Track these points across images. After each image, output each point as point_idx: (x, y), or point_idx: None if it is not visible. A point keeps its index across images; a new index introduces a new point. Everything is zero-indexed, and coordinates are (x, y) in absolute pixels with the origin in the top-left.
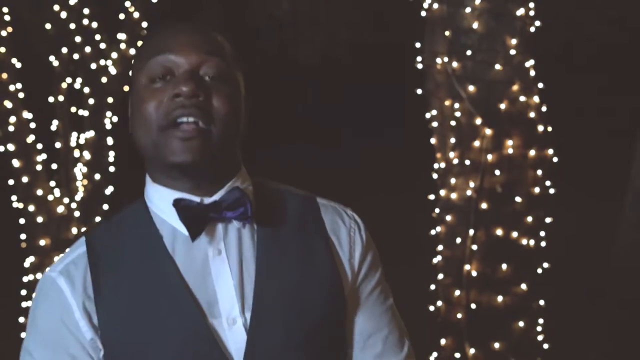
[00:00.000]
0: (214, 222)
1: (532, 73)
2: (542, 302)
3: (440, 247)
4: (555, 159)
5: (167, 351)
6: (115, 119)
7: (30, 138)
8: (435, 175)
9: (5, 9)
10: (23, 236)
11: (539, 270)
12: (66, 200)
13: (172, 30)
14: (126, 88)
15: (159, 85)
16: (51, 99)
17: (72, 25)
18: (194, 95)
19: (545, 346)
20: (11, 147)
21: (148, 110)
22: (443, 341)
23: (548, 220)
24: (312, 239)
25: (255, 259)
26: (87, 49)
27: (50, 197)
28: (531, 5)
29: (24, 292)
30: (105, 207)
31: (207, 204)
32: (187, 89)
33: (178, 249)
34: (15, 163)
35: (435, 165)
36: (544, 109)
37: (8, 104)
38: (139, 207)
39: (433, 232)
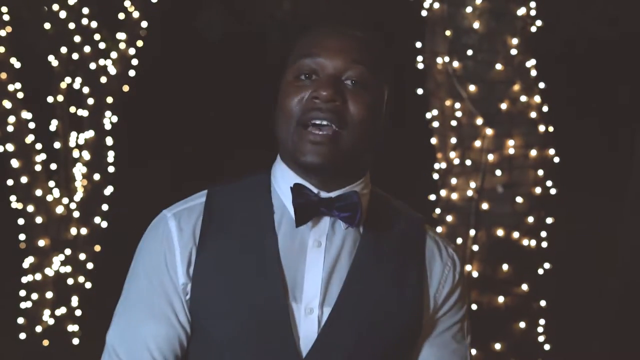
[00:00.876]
0: (323, 216)
1: (533, 73)
2: (543, 303)
3: None
4: (556, 159)
5: (243, 317)
6: (114, 119)
7: (30, 138)
8: (436, 176)
9: (4, 9)
10: (22, 237)
11: (540, 271)
12: (65, 200)
13: (325, 34)
14: (126, 88)
15: (302, 83)
16: (50, 99)
17: (72, 25)
18: (331, 100)
19: (547, 347)
20: (10, 147)
21: (289, 105)
22: None
23: (549, 220)
24: (409, 262)
25: (350, 262)
26: (87, 49)
27: (49, 198)
28: (532, 5)
29: (22, 293)
30: (105, 207)
31: (321, 198)
32: (326, 93)
33: (284, 228)
34: (15, 163)
35: (436, 166)
36: (545, 109)
37: (7, 103)
38: (263, 178)
39: None
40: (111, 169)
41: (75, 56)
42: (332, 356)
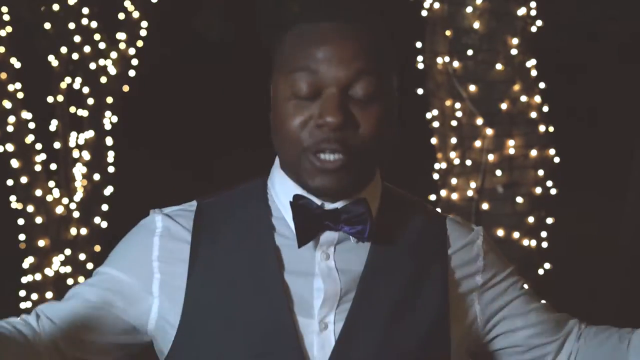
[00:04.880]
0: (329, 230)
1: (534, 73)
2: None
3: None
4: (556, 159)
5: (243, 339)
6: (114, 119)
7: (30, 138)
8: (436, 176)
9: (4, 9)
10: (22, 237)
11: (541, 271)
12: (65, 200)
13: (322, 37)
14: (126, 88)
15: (302, 103)
16: (50, 99)
17: (72, 25)
18: (339, 128)
19: None
20: (10, 147)
21: (291, 127)
22: None
23: (549, 220)
24: (429, 261)
25: (361, 272)
26: (87, 49)
27: (49, 198)
28: (532, 5)
29: (22, 293)
30: (105, 207)
31: (326, 210)
32: (334, 120)
33: (286, 241)
34: (14, 163)
35: (436, 166)
36: (545, 109)
37: (7, 103)
38: (259, 187)
39: None
40: (111, 169)
41: (75, 56)
42: None
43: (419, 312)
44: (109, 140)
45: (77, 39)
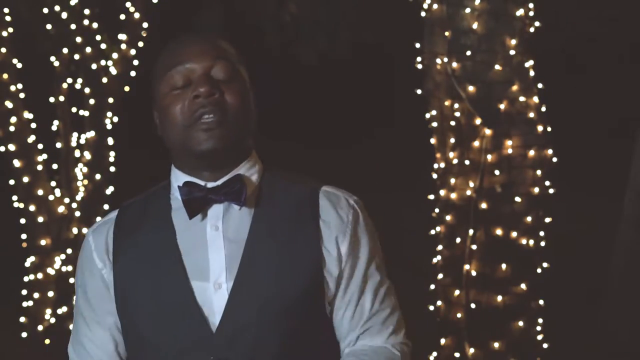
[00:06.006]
0: (214, 203)
1: (532, 73)
2: (541, 302)
3: (439, 247)
4: (554, 159)
5: (157, 304)
6: (115, 119)
7: (31, 138)
8: (434, 175)
9: (6, 10)
10: (24, 236)
11: (539, 270)
12: (67, 200)
13: (183, 44)
14: (127, 88)
15: (179, 92)
16: (52, 99)
17: (73, 26)
18: (211, 94)
19: (545, 346)
20: (12, 147)
21: (174, 113)
22: (443, 341)
23: (547, 220)
24: (305, 226)
25: (246, 239)
26: (88, 50)
27: (50, 197)
28: (530, 5)
29: (24, 292)
30: (106, 207)
31: (209, 188)
32: (205, 89)
33: (183, 223)
34: (16, 163)
35: (435, 165)
36: (543, 109)
37: (9, 104)
38: (164, 185)
39: (433, 232)
40: (112, 169)
41: (76, 57)
42: (239, 323)
43: (298, 270)
44: (110, 140)
45: (78, 39)
